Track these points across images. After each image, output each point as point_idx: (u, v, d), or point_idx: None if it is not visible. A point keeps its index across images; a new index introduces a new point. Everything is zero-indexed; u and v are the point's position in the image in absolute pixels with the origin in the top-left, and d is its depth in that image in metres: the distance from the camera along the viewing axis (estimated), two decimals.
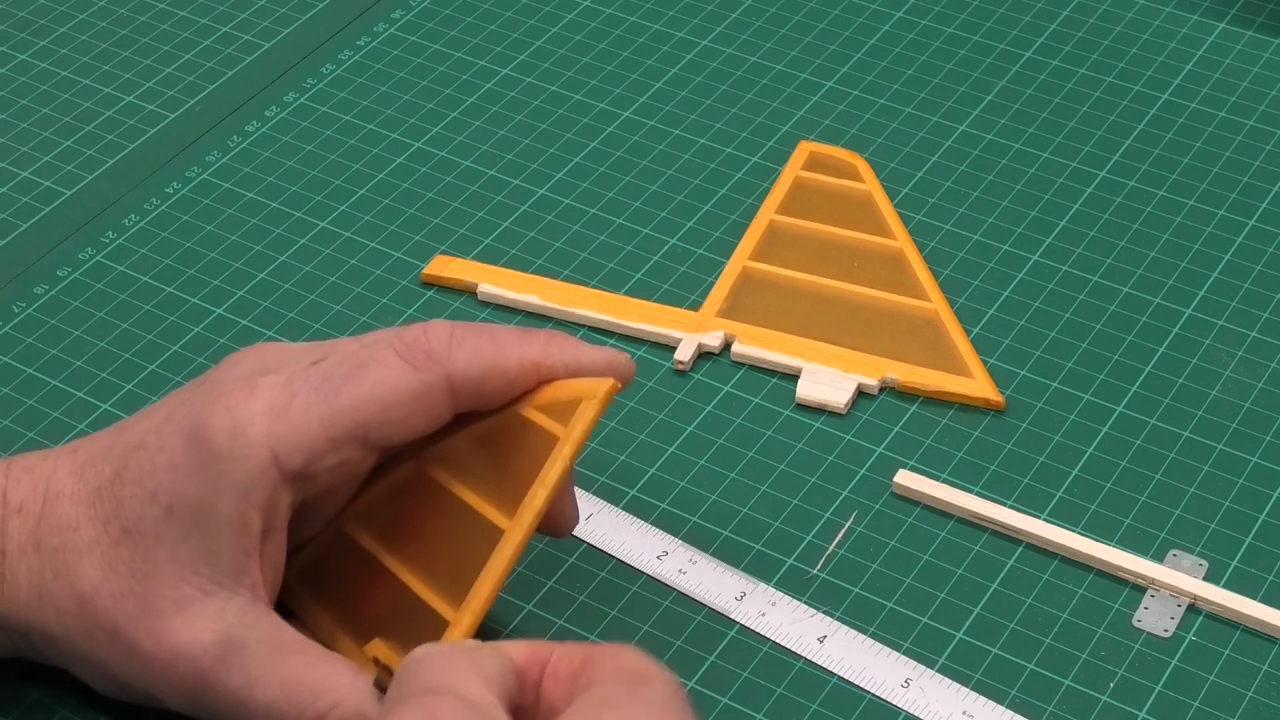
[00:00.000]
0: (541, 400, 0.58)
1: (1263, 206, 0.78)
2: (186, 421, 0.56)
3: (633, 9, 0.89)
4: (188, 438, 0.56)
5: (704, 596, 0.63)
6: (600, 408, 0.57)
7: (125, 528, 0.56)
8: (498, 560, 0.56)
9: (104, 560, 0.56)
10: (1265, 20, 0.87)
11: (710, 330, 0.72)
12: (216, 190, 0.80)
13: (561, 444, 0.57)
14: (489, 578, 0.56)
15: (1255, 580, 0.64)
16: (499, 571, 0.56)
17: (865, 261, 0.74)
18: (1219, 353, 0.72)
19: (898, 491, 0.67)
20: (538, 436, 0.58)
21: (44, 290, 0.75)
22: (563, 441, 0.57)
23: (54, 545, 0.57)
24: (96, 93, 0.85)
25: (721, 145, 0.81)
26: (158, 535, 0.56)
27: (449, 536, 0.58)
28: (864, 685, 0.61)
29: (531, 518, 0.56)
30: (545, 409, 0.58)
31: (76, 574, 0.56)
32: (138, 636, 0.56)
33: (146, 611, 0.56)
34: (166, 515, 0.56)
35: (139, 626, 0.56)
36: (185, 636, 0.55)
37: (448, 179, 0.80)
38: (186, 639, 0.55)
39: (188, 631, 0.56)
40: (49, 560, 0.57)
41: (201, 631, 0.55)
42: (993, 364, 0.71)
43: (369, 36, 0.88)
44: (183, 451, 0.56)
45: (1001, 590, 0.64)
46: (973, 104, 0.83)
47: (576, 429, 0.57)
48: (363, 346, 0.58)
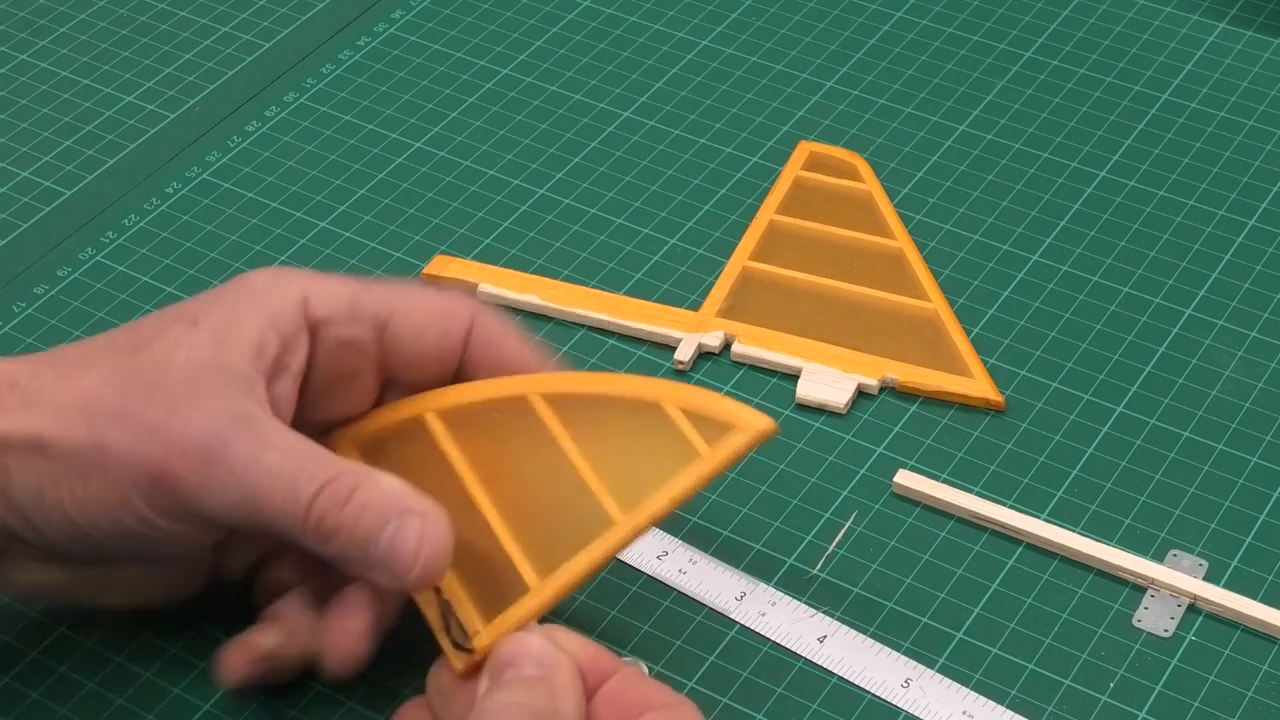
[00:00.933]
0: (690, 404, 0.57)
1: (1263, 206, 0.78)
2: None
3: (633, 9, 0.89)
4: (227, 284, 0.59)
5: (704, 596, 0.63)
6: (752, 445, 0.56)
7: (142, 341, 0.57)
8: (598, 550, 0.55)
9: (115, 364, 0.57)
10: (1265, 20, 0.87)
11: (710, 330, 0.72)
12: (216, 190, 0.80)
13: (702, 463, 0.56)
14: (583, 563, 0.55)
15: (1255, 580, 0.64)
16: (594, 562, 0.55)
17: (865, 261, 0.74)
18: (1219, 353, 0.72)
19: (898, 491, 0.67)
20: (676, 440, 0.56)
21: (44, 290, 0.75)
22: (704, 461, 0.56)
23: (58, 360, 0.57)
24: (96, 93, 0.85)
25: (721, 145, 0.81)
26: (178, 341, 0.57)
27: (548, 495, 0.57)
28: (864, 685, 0.61)
29: (647, 521, 0.55)
30: (692, 416, 0.57)
31: (83, 373, 0.56)
32: (149, 411, 0.55)
33: (158, 393, 0.55)
34: (191, 327, 0.57)
35: (151, 403, 0.55)
36: (199, 410, 0.55)
37: (448, 179, 0.80)
38: (201, 412, 0.55)
39: (202, 407, 0.55)
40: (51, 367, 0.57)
41: (215, 407, 0.55)
42: (993, 364, 0.71)
43: (369, 36, 0.88)
44: (220, 289, 0.58)
45: (1001, 590, 0.64)
46: (973, 104, 0.83)
47: (722, 454, 0.56)
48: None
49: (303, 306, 0.58)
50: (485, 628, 0.55)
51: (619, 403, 0.58)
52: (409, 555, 0.55)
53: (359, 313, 0.59)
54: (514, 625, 0.55)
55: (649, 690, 0.53)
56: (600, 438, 0.57)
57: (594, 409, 0.58)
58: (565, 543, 0.56)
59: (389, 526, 0.55)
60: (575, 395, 0.58)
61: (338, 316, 0.59)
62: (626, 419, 0.58)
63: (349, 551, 0.55)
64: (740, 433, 0.56)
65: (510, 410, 0.59)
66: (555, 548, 0.56)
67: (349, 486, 0.55)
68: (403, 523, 0.55)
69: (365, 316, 0.59)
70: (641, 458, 0.57)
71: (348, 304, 0.59)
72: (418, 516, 0.55)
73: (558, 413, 0.58)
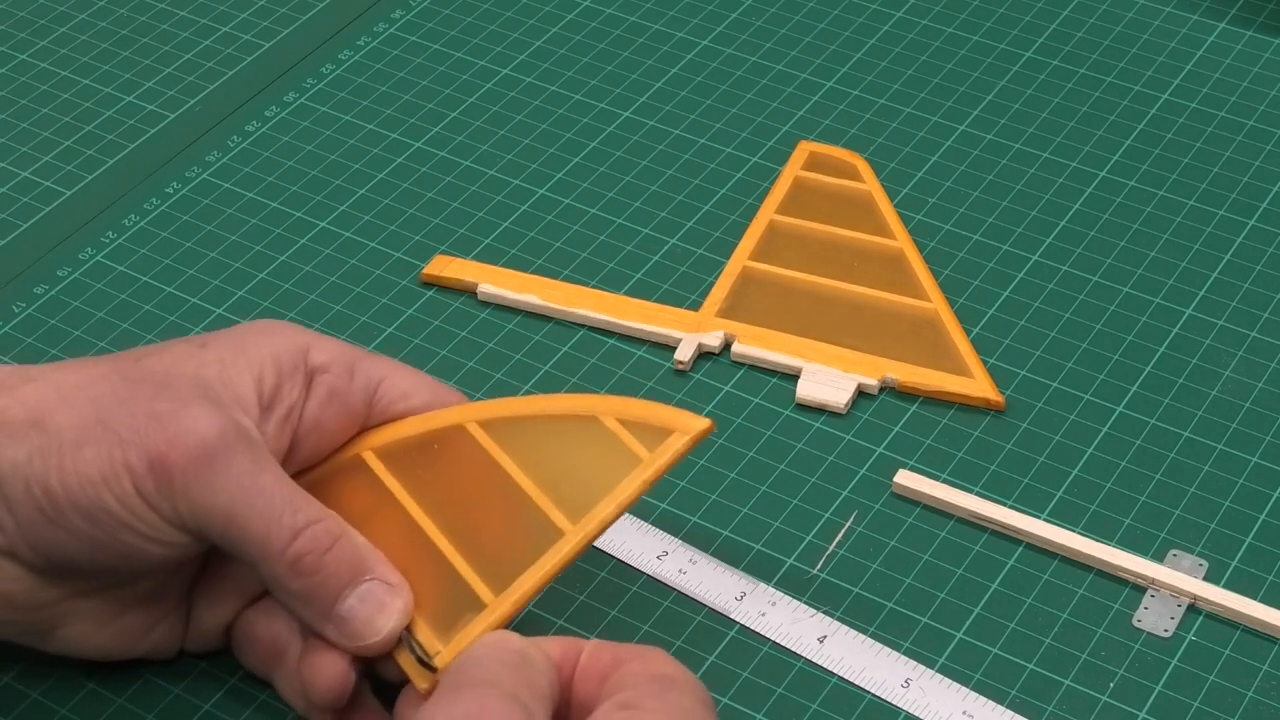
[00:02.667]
0: (626, 414, 0.58)
1: (1263, 206, 0.78)
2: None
3: (633, 9, 0.89)
4: (236, 326, 0.61)
5: (704, 596, 0.64)
6: (690, 446, 0.57)
7: (147, 353, 0.59)
8: (550, 560, 0.56)
9: (121, 363, 0.58)
10: (1265, 20, 0.87)
11: (710, 330, 0.72)
12: (216, 190, 0.80)
13: (644, 467, 0.57)
14: (537, 575, 0.56)
15: (1255, 580, 0.64)
16: (549, 572, 0.56)
17: (865, 261, 0.74)
18: (1219, 353, 0.72)
19: (898, 491, 0.67)
20: (616, 450, 0.58)
21: (44, 290, 0.75)
22: (646, 465, 0.57)
23: (59, 363, 0.59)
24: (96, 93, 0.85)
25: (721, 145, 0.81)
26: (185, 355, 0.58)
27: (495, 515, 0.58)
28: (864, 685, 0.61)
29: (596, 528, 0.56)
30: (630, 425, 0.58)
31: (88, 366, 0.58)
32: (156, 403, 0.56)
33: (167, 391, 0.56)
34: (199, 348, 0.59)
35: (159, 397, 0.56)
36: (208, 413, 0.56)
37: (448, 179, 0.80)
38: (210, 415, 0.56)
39: (211, 411, 0.56)
40: (52, 365, 0.58)
41: (223, 415, 0.56)
42: (993, 364, 0.71)
43: (369, 36, 0.88)
44: (226, 330, 0.60)
45: (1001, 590, 0.64)
46: (973, 104, 0.83)
47: (664, 458, 0.57)
48: None
49: (305, 352, 0.59)
50: (445, 646, 0.56)
51: (556, 421, 0.59)
52: (367, 623, 0.56)
53: (355, 371, 0.60)
54: (469, 641, 0.55)
55: (617, 649, 0.54)
56: (541, 456, 0.59)
57: (532, 429, 0.59)
58: (517, 558, 0.57)
59: (358, 589, 0.56)
60: (511, 418, 0.60)
61: (335, 368, 0.60)
62: (565, 435, 0.59)
63: (315, 598, 0.56)
64: (679, 435, 0.57)
65: (448, 440, 0.60)
66: (507, 564, 0.57)
67: (333, 534, 0.56)
68: (370, 589, 0.56)
69: (360, 376, 0.60)
70: (584, 470, 0.58)
71: (348, 361, 0.60)
72: (385, 587, 0.56)
73: (495, 437, 0.59)
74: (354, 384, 0.60)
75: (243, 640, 0.60)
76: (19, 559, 0.57)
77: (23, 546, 0.56)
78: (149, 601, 0.59)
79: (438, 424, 0.60)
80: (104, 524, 0.55)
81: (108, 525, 0.55)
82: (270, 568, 0.56)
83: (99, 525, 0.55)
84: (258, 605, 0.60)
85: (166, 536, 0.56)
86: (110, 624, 0.59)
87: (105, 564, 0.57)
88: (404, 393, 0.61)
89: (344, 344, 0.61)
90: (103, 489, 0.55)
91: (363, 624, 0.56)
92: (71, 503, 0.55)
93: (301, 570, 0.55)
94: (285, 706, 0.60)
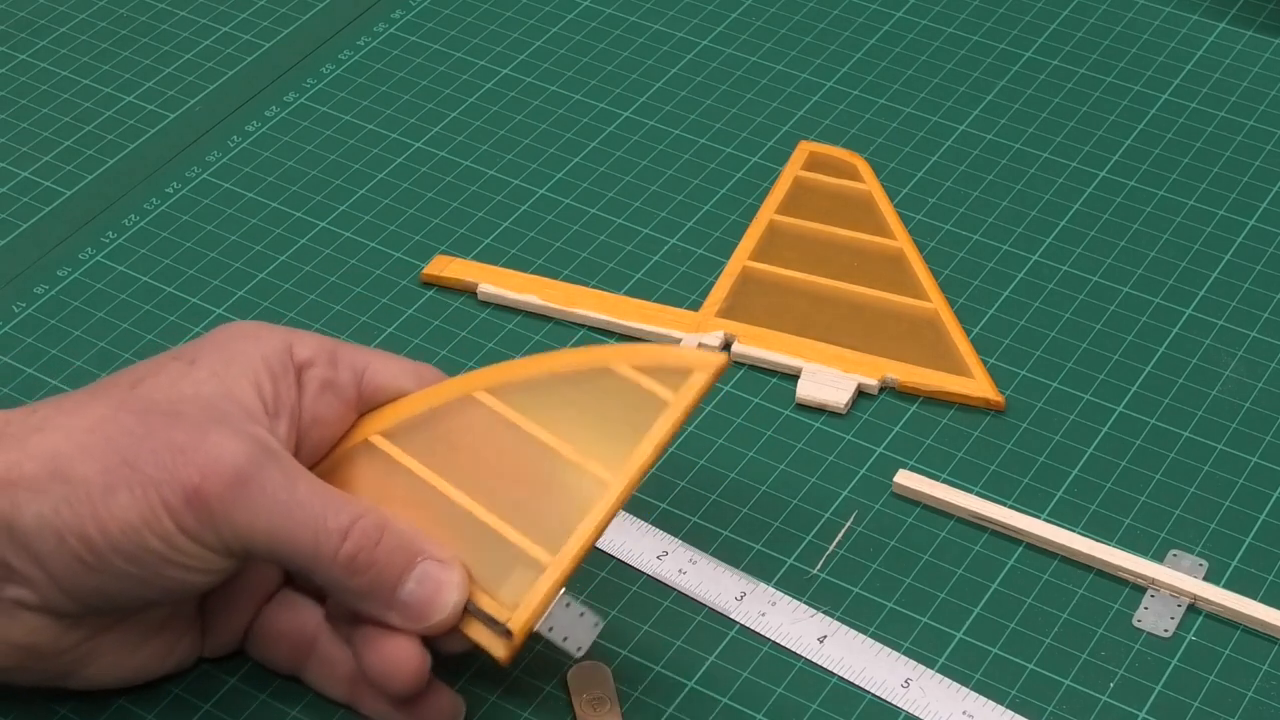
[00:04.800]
0: (640, 360, 0.59)
1: (1263, 206, 0.78)
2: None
3: (633, 9, 0.89)
4: (212, 331, 0.60)
5: (704, 596, 0.64)
6: (712, 382, 0.58)
7: (140, 378, 0.58)
8: (600, 511, 0.57)
9: (121, 396, 0.57)
10: (1265, 20, 0.87)
11: (710, 330, 0.72)
12: (216, 190, 0.80)
13: (674, 408, 0.57)
14: (590, 526, 0.57)
15: (1255, 580, 0.64)
16: (600, 522, 0.57)
17: (865, 261, 0.74)
18: (1219, 353, 0.72)
19: (898, 491, 0.67)
20: (638, 395, 0.58)
21: (44, 290, 0.75)
22: (674, 406, 0.58)
23: (56, 402, 0.58)
24: (96, 93, 0.85)
25: (721, 145, 0.81)
26: (180, 375, 0.58)
27: (530, 478, 0.58)
28: (864, 685, 0.61)
29: (638, 474, 0.57)
30: (648, 371, 0.58)
31: (90, 405, 0.57)
32: (175, 434, 0.56)
33: (181, 419, 0.56)
34: (189, 365, 0.58)
35: (176, 427, 0.56)
36: (230, 436, 0.56)
37: (448, 179, 0.80)
38: (233, 438, 0.56)
39: (232, 434, 0.56)
40: (50, 406, 0.57)
41: (244, 435, 0.56)
42: (993, 364, 0.71)
43: (369, 36, 0.88)
44: (206, 335, 0.60)
45: (1001, 590, 0.64)
46: (973, 104, 0.83)
47: (690, 396, 0.58)
48: None
49: (289, 349, 0.60)
50: (514, 611, 0.56)
51: (567, 377, 0.59)
52: (430, 603, 0.56)
53: (339, 360, 0.61)
54: (541, 601, 0.56)
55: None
56: (559, 413, 0.59)
57: (544, 389, 0.59)
58: (564, 515, 0.57)
59: (414, 572, 0.56)
60: (521, 381, 0.60)
61: (320, 360, 0.60)
62: (580, 390, 0.59)
63: (375, 591, 0.56)
64: (700, 373, 0.58)
65: (457, 412, 0.60)
66: (554, 522, 0.57)
67: (378, 525, 0.56)
68: (426, 570, 0.56)
69: (344, 363, 0.61)
70: (608, 420, 0.58)
71: (329, 351, 0.60)
72: (439, 565, 0.57)
73: (508, 402, 0.59)
74: (340, 373, 0.60)
75: (265, 638, 0.60)
76: (48, 610, 0.56)
77: (57, 597, 0.56)
78: (168, 623, 0.59)
79: (442, 398, 0.60)
80: (148, 563, 0.55)
81: (152, 564, 0.55)
82: (325, 572, 0.56)
83: (143, 565, 0.55)
84: (276, 602, 0.60)
85: (211, 565, 0.56)
86: (135, 653, 0.59)
87: (148, 598, 0.57)
88: (391, 376, 0.61)
89: (320, 335, 0.61)
90: (144, 531, 0.55)
91: (426, 605, 0.56)
92: (114, 549, 0.55)
93: (357, 568, 0.56)
94: (285, 706, 0.60)
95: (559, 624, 0.57)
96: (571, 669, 0.61)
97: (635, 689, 0.61)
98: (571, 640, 0.57)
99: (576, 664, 0.61)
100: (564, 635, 0.57)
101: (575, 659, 0.59)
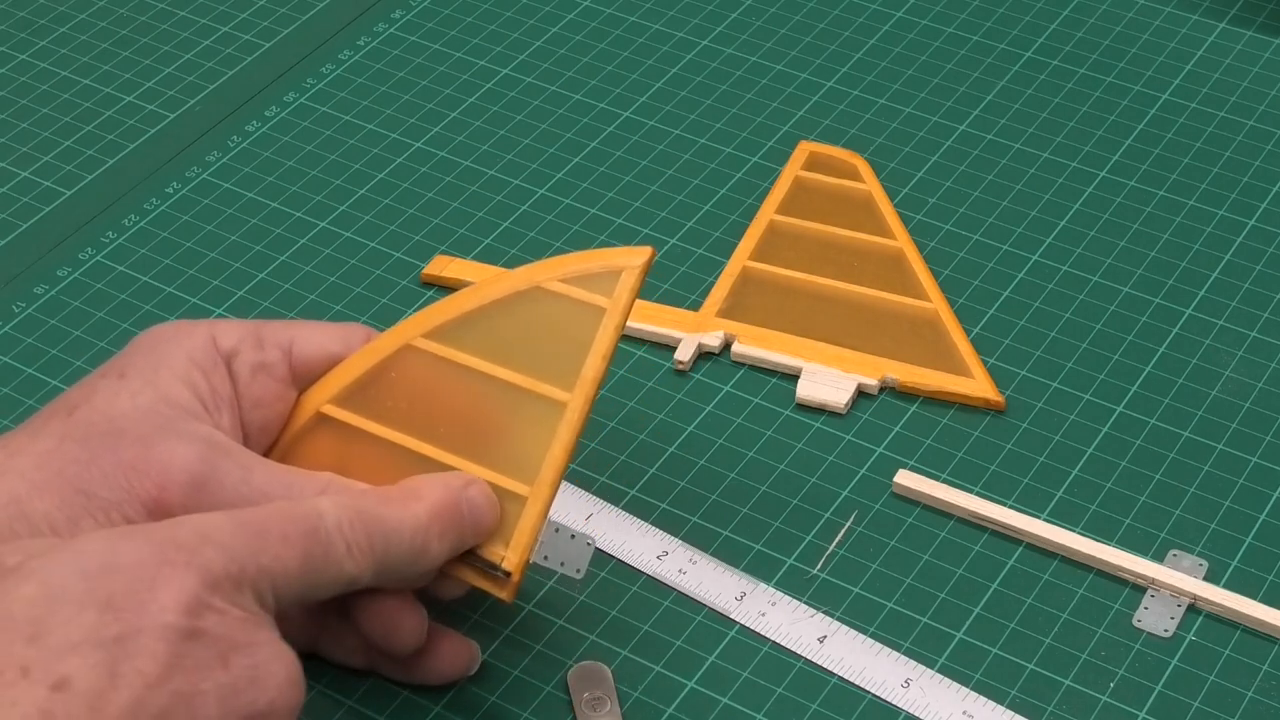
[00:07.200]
0: (565, 272, 0.59)
1: (1263, 206, 0.78)
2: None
3: (633, 9, 0.89)
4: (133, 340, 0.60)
5: (704, 596, 0.64)
6: (643, 276, 0.58)
7: (75, 403, 0.57)
8: (565, 433, 0.57)
9: (61, 424, 0.57)
10: (1265, 20, 0.87)
11: (710, 330, 0.72)
12: (216, 190, 0.80)
13: (611, 314, 0.58)
14: (559, 450, 0.57)
15: (1255, 580, 0.64)
16: (567, 443, 0.57)
17: (865, 261, 0.74)
18: (1219, 353, 0.72)
19: (898, 491, 0.67)
20: (573, 308, 0.58)
21: (44, 290, 0.75)
22: (611, 311, 0.58)
23: (4, 441, 0.57)
24: (96, 93, 0.85)
25: (721, 145, 0.81)
26: (113, 392, 0.57)
27: (488, 414, 0.58)
28: (864, 685, 0.61)
29: (593, 386, 0.57)
30: (577, 281, 0.59)
31: (33, 440, 0.56)
32: (122, 453, 0.55)
33: (124, 436, 0.56)
34: (119, 378, 0.58)
35: (121, 446, 0.55)
36: (177, 442, 0.56)
37: (448, 179, 0.80)
38: (180, 443, 0.56)
39: (179, 439, 0.56)
40: (2, 445, 0.57)
41: (191, 437, 0.56)
42: (993, 364, 0.71)
43: (369, 36, 0.88)
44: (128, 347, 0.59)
45: (1001, 590, 0.64)
46: (973, 104, 0.83)
47: (624, 297, 0.58)
48: None
49: (213, 342, 0.59)
50: (507, 550, 0.57)
51: (499, 305, 0.60)
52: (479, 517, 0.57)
53: (264, 340, 0.60)
54: (530, 533, 0.57)
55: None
56: (501, 343, 0.59)
57: (479, 323, 0.59)
58: (530, 445, 0.58)
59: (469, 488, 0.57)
60: (454, 320, 0.60)
61: (245, 346, 0.60)
62: (514, 316, 0.59)
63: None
64: (629, 271, 0.58)
65: (398, 364, 0.60)
66: (522, 453, 0.58)
67: (345, 492, 0.57)
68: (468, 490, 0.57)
69: (270, 343, 0.60)
70: (550, 340, 0.58)
71: (252, 334, 0.60)
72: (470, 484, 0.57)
73: (447, 342, 0.60)
74: (268, 353, 0.60)
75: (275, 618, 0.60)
76: None
77: None
78: None
79: (380, 355, 0.60)
80: None
81: None
82: None
83: None
84: None
85: None
86: None
87: None
88: (318, 345, 0.61)
89: (241, 321, 0.61)
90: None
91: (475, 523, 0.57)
92: None
93: None
94: None
95: (553, 551, 0.58)
96: (572, 669, 0.61)
97: (635, 689, 0.61)
98: (569, 564, 0.58)
99: (577, 664, 0.61)
100: (560, 561, 0.58)
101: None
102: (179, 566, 0.50)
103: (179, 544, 0.50)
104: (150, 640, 0.48)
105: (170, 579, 0.49)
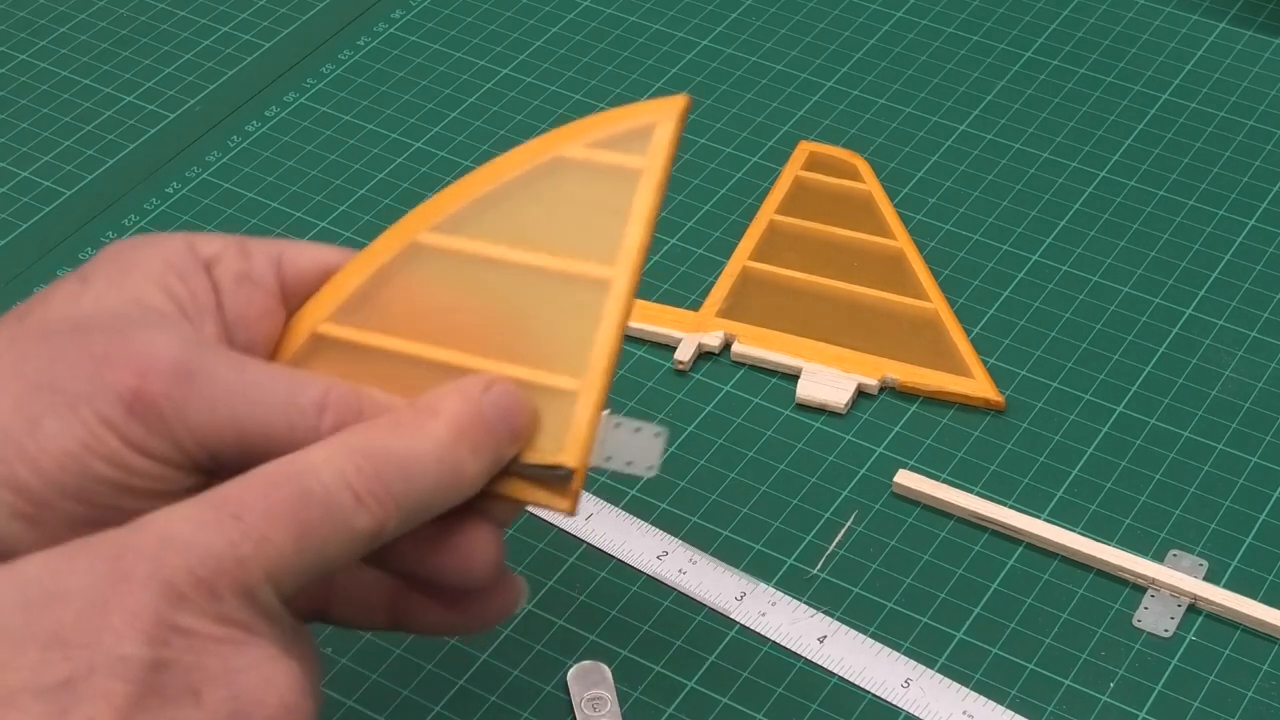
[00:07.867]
0: (592, 135, 0.50)
1: (1263, 206, 0.78)
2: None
3: (633, 9, 0.89)
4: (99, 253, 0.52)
5: (704, 596, 0.64)
6: (679, 127, 0.50)
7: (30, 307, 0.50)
8: (615, 312, 0.49)
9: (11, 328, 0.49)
10: (1265, 20, 0.87)
11: (710, 330, 0.72)
12: (216, 190, 0.80)
13: (649, 173, 0.49)
14: (609, 333, 0.49)
15: (1255, 580, 0.64)
16: (618, 324, 0.49)
17: (865, 261, 0.74)
18: (1219, 353, 0.72)
19: (898, 491, 0.67)
20: (604, 173, 0.50)
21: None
22: (650, 170, 0.49)
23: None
24: (96, 93, 0.85)
25: (721, 145, 0.81)
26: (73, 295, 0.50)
27: (521, 306, 0.50)
28: (864, 685, 0.61)
29: (638, 255, 0.49)
30: (605, 144, 0.50)
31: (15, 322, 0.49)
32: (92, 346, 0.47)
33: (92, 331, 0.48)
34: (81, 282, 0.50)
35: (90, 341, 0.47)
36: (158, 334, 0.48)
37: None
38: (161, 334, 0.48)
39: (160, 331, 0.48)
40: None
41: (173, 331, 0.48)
42: (993, 364, 0.71)
43: (369, 36, 0.88)
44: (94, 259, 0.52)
45: (1001, 590, 0.64)
46: (973, 104, 0.83)
47: (663, 152, 0.50)
48: None
49: (191, 248, 0.51)
50: (563, 449, 0.49)
51: (516, 184, 0.51)
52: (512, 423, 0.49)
53: (249, 250, 0.52)
54: (587, 427, 0.49)
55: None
56: (523, 225, 0.51)
57: (495, 204, 0.51)
58: (576, 331, 0.50)
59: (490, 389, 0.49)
60: (466, 206, 0.51)
61: (227, 254, 0.52)
62: (536, 191, 0.51)
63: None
64: (664, 124, 0.50)
65: (407, 266, 0.52)
66: (566, 343, 0.50)
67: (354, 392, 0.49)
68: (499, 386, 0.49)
69: (257, 252, 0.52)
70: (582, 214, 0.50)
71: (236, 243, 0.52)
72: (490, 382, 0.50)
73: (460, 234, 0.51)
74: (255, 262, 0.52)
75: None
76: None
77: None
78: None
79: (381, 258, 0.52)
80: (100, 497, 0.47)
81: (105, 497, 0.47)
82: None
83: (94, 502, 0.47)
84: None
85: (173, 484, 0.47)
86: None
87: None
88: (313, 257, 0.53)
89: (224, 234, 0.53)
90: (88, 458, 0.46)
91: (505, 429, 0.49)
92: (57, 489, 0.46)
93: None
94: None
95: (616, 449, 0.50)
96: (572, 669, 0.61)
97: (635, 689, 0.61)
98: (638, 462, 0.51)
99: (577, 664, 0.61)
100: (627, 460, 0.50)
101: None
102: (136, 583, 0.42)
103: (138, 552, 0.42)
104: (104, 680, 0.41)
105: (126, 599, 0.41)
